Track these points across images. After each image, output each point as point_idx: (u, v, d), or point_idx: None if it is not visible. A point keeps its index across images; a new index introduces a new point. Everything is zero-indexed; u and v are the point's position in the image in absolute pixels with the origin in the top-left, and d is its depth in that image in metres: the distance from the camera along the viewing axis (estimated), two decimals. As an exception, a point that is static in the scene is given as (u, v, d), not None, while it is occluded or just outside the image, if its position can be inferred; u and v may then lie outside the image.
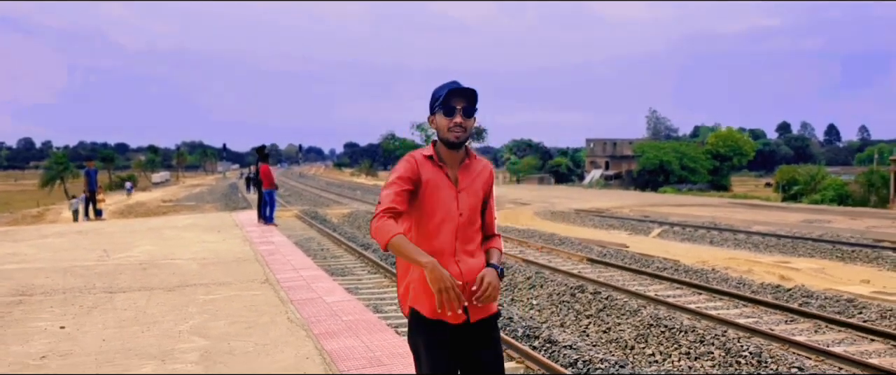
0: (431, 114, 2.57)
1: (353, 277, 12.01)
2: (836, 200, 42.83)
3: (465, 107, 2.49)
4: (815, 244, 16.99)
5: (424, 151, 2.58)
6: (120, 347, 4.61)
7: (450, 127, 2.48)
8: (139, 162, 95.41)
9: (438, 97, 2.53)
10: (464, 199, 2.54)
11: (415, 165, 2.50)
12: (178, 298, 6.24)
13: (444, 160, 2.54)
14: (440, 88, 2.56)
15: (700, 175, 71.77)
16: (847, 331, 8.56)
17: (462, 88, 2.49)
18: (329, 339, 4.71)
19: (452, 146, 2.51)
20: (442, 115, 2.50)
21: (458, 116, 2.48)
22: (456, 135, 2.48)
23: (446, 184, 2.53)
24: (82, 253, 9.73)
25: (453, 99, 2.48)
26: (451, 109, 2.48)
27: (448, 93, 2.48)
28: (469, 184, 2.58)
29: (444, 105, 2.49)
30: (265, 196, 14.14)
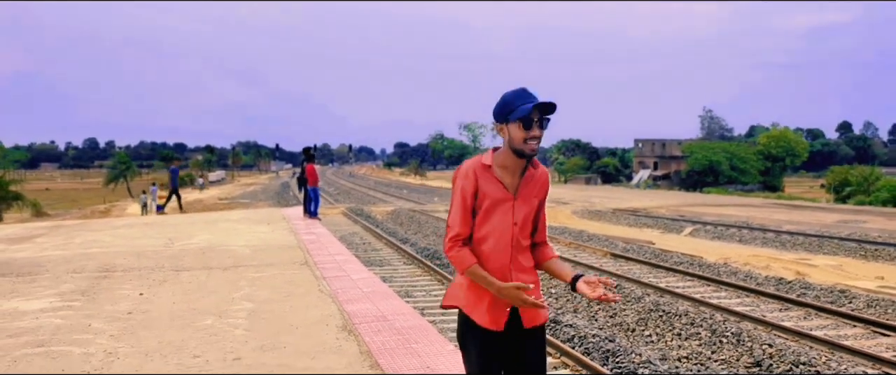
0: (502, 122, 2.53)
1: (389, 267, 13.20)
2: (891, 201, 42.07)
3: (541, 119, 2.49)
4: (841, 242, 17.41)
5: (484, 159, 2.58)
6: (187, 308, 5.86)
7: (527, 139, 2.47)
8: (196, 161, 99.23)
9: (514, 108, 2.49)
10: (519, 208, 2.55)
11: (473, 179, 2.53)
12: (232, 275, 7.52)
13: (506, 168, 2.55)
14: (513, 96, 2.52)
15: (750, 176, 70.74)
16: (834, 318, 9.30)
17: (546, 103, 2.49)
18: (349, 304, 5.88)
19: (524, 156, 2.51)
20: (519, 126, 2.47)
21: (536, 129, 2.48)
22: (532, 147, 2.48)
23: (504, 195, 2.53)
24: (151, 240, 11.19)
25: (535, 111, 2.47)
26: (529, 122, 2.46)
27: (533, 107, 2.46)
28: (527, 193, 2.57)
29: (524, 118, 2.46)
30: (310, 192, 15.50)
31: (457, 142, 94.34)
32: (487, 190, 2.51)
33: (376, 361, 4.17)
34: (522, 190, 2.55)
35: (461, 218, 2.51)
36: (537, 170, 2.61)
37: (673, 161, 79.55)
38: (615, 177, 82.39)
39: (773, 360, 7.31)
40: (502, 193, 2.51)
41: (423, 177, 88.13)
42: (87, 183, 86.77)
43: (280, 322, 5.25)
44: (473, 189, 2.51)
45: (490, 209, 2.50)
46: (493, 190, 2.51)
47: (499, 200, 2.51)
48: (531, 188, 2.57)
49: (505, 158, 2.52)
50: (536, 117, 2.46)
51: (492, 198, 2.50)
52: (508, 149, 2.50)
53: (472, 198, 2.51)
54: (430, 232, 20.39)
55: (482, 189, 2.51)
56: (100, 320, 5.39)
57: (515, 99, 2.49)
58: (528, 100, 2.46)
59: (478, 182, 2.51)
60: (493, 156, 2.56)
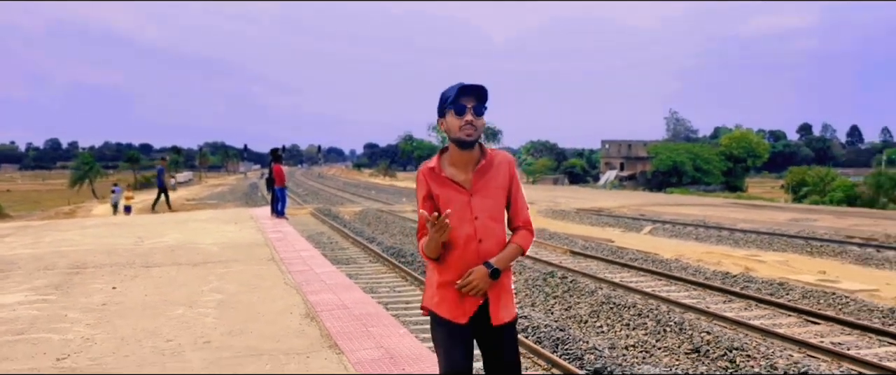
0: (441, 116, 2.56)
1: (355, 265, 13.57)
2: (844, 201, 43.49)
3: (476, 106, 2.48)
4: (789, 240, 18.22)
5: (429, 163, 2.61)
6: (159, 299, 6.21)
7: (461, 126, 2.46)
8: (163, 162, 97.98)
9: (448, 97, 2.50)
10: (478, 202, 2.53)
11: (423, 181, 2.59)
12: (201, 270, 7.86)
13: (456, 165, 2.55)
14: (448, 89, 2.53)
15: (713, 176, 72.33)
16: (771, 309, 9.94)
17: (471, 85, 2.49)
18: (312, 295, 6.29)
19: (464, 145, 2.50)
20: (453, 115, 2.48)
21: (469, 114, 2.47)
22: (467, 133, 2.47)
23: (455, 191, 2.53)
24: (120, 239, 11.43)
25: (462, 97, 2.47)
26: (461, 108, 2.46)
27: (458, 91, 2.47)
28: (484, 185, 2.55)
29: (454, 104, 2.47)
30: (277, 193, 15.83)
31: (426, 143, 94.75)
32: (439, 193, 2.52)
33: (335, 342, 4.59)
34: (478, 183, 2.52)
35: (421, 221, 2.55)
36: (493, 158, 2.58)
37: (639, 162, 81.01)
38: (582, 178, 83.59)
39: (711, 346, 7.88)
40: (455, 191, 2.51)
41: (392, 177, 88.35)
42: (50, 184, 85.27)
43: (247, 311, 5.64)
44: (425, 192, 2.56)
45: (444, 208, 2.49)
46: (445, 192, 2.52)
47: (450, 196, 2.51)
48: (490, 178, 2.55)
49: (452, 155, 2.54)
50: (469, 104, 2.46)
51: (445, 199, 2.51)
52: (451, 143, 2.53)
53: (427, 201, 2.55)
54: (396, 232, 20.79)
55: (434, 192, 2.53)
56: (75, 311, 5.72)
57: (449, 90, 2.52)
58: (460, 85, 2.49)
59: (429, 186, 2.54)
60: (439, 158, 2.58)
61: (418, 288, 11.10)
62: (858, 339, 8.37)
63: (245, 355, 4.38)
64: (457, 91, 2.47)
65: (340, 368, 4.07)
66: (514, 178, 2.64)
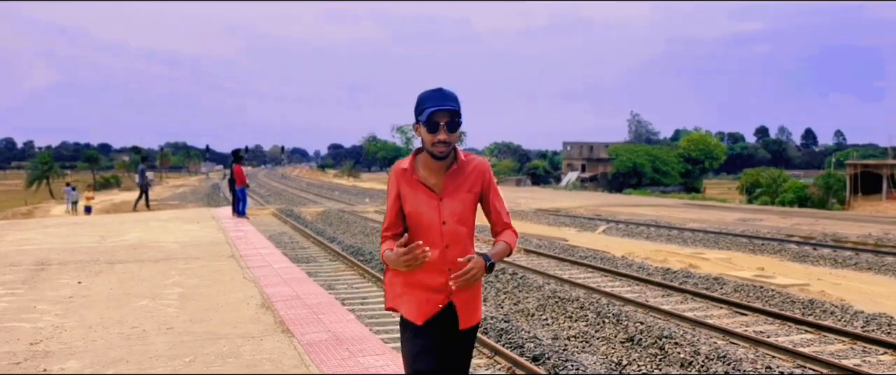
0: (416, 122, 2.56)
1: (315, 263, 13.97)
2: (795, 202, 45.06)
3: (449, 123, 2.48)
4: (734, 238, 19.13)
5: (403, 164, 2.59)
6: (122, 292, 6.60)
7: (433, 143, 2.47)
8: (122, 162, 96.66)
9: (422, 109, 2.49)
10: (447, 206, 2.52)
11: (395, 181, 2.56)
12: (163, 266, 8.24)
13: (429, 168, 2.54)
14: (425, 97, 2.51)
15: (672, 177, 73.93)
16: (705, 302, 10.66)
17: (444, 109, 2.46)
18: (269, 287, 6.74)
19: (436, 158, 2.50)
20: (425, 131, 2.48)
21: (442, 133, 2.47)
22: (440, 150, 2.48)
23: (425, 194, 2.52)
24: (83, 238, 11.69)
25: (436, 115, 2.45)
26: (434, 125, 2.46)
27: (430, 113, 2.45)
28: (454, 189, 2.55)
29: (427, 122, 2.47)
30: (238, 193, 16.18)
31: (390, 144, 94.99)
32: (409, 195, 2.52)
33: (287, 328, 5.07)
34: (449, 187, 2.53)
35: (389, 216, 2.58)
36: (466, 163, 2.59)
37: (600, 163, 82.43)
38: (544, 179, 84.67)
39: (643, 335, 8.52)
40: (425, 195, 2.52)
41: (356, 178, 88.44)
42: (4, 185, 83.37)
43: (207, 302, 6.07)
44: (396, 193, 2.54)
45: (414, 212, 2.51)
46: (416, 194, 2.52)
47: (423, 202, 2.51)
48: (461, 183, 2.55)
49: (425, 159, 2.54)
50: (443, 120, 2.45)
51: (414, 201, 2.52)
52: (425, 150, 2.54)
53: (397, 201, 2.54)
54: (357, 231, 21.20)
55: (404, 193, 2.53)
56: (44, 303, 6.08)
57: (424, 100, 2.49)
58: (436, 103, 2.45)
59: (399, 187, 2.54)
60: (413, 159, 2.58)
61: (375, 284, 11.55)
62: (779, 328, 9.10)
63: (205, 338, 4.82)
64: (430, 112, 2.45)
65: (290, 348, 4.55)
66: (491, 184, 2.63)
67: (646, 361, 7.88)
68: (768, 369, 7.03)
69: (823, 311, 9.88)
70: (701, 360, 7.52)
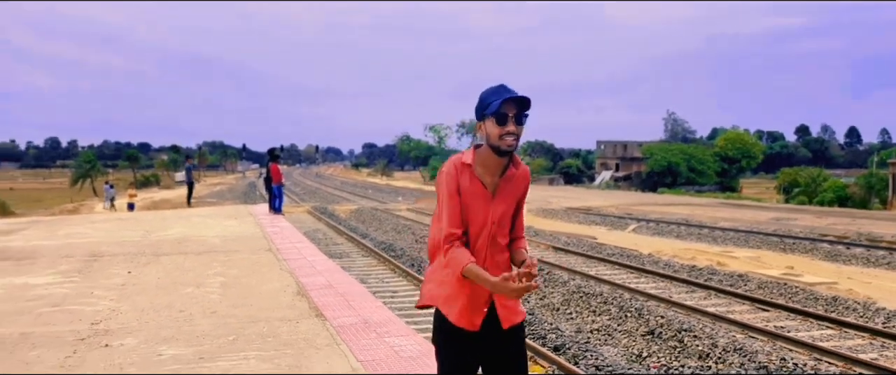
0: (479, 119, 2.52)
1: (347, 259, 14.46)
2: (835, 201, 44.30)
3: (517, 115, 2.45)
4: (765, 237, 19.13)
5: (464, 158, 2.55)
6: (169, 281, 7.11)
7: (502, 135, 2.43)
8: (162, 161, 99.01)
9: (489, 103, 2.46)
10: (497, 208, 2.53)
11: (455, 176, 2.51)
12: (205, 258, 8.76)
13: (487, 166, 2.52)
14: (490, 93, 2.49)
15: (708, 177, 73.08)
16: (727, 298, 10.84)
17: (517, 97, 2.45)
18: (304, 277, 7.19)
19: (502, 153, 2.47)
20: (493, 123, 2.44)
21: (511, 124, 2.44)
22: (508, 143, 2.44)
23: (482, 194, 2.51)
24: (128, 232, 12.34)
25: (506, 106, 2.43)
26: (503, 117, 2.43)
27: (502, 101, 2.42)
28: (506, 192, 2.55)
29: (496, 113, 2.43)
30: (274, 190, 16.77)
31: (423, 143, 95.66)
32: (466, 187, 2.49)
33: (321, 312, 5.49)
34: (502, 189, 2.53)
35: (452, 217, 2.49)
36: (518, 170, 2.58)
37: (634, 162, 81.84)
38: (578, 178, 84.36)
39: (663, 328, 8.78)
40: (481, 192, 2.50)
41: (389, 177, 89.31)
42: (50, 183, 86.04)
43: (247, 290, 6.54)
44: (456, 186, 2.49)
45: (468, 208, 2.49)
46: (472, 189, 2.49)
47: (477, 199, 2.49)
48: (511, 187, 2.55)
49: (485, 157, 2.51)
50: (511, 112, 2.43)
51: (470, 197, 2.49)
52: (488, 146, 2.49)
53: (458, 196, 2.48)
54: (389, 228, 21.69)
55: (462, 185, 2.49)
56: (99, 289, 6.61)
57: (490, 95, 2.47)
58: (503, 96, 2.43)
59: (458, 180, 2.49)
60: (474, 154, 2.54)
61: (405, 278, 11.96)
62: (800, 324, 9.26)
63: (246, 321, 5.27)
64: (501, 101, 2.42)
65: (323, 330, 4.96)
66: (526, 195, 2.66)
67: (665, 353, 8.14)
68: (782, 361, 7.24)
69: (846, 308, 10.00)
70: (718, 353, 7.75)
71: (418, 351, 4.35)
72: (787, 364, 7.17)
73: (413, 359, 4.17)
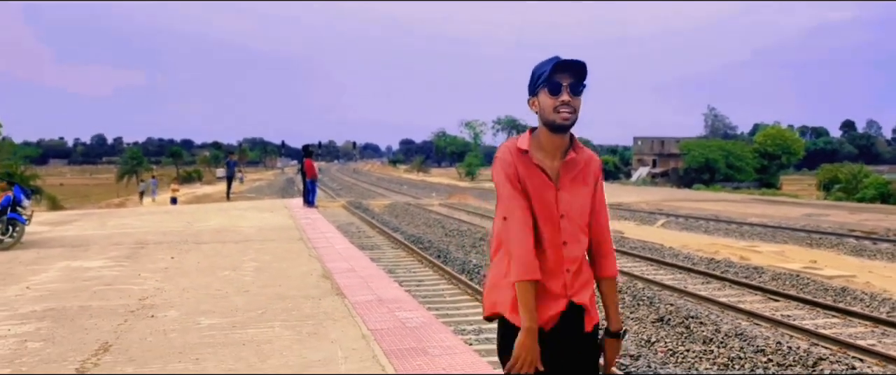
0: (532, 95, 2.22)
1: (378, 251, 15.09)
2: (878, 198, 43.52)
3: (573, 83, 2.15)
4: (792, 232, 19.23)
5: (519, 143, 2.23)
6: (208, 265, 7.82)
7: (556, 107, 2.13)
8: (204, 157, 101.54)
9: (541, 74, 2.17)
10: (564, 199, 2.18)
11: (512, 161, 2.19)
12: (242, 246, 9.49)
13: (545, 149, 2.20)
14: (541, 64, 2.22)
15: (746, 173, 72.15)
16: (740, 289, 11.17)
17: (569, 61, 2.18)
18: (330, 263, 7.84)
19: (558, 129, 2.15)
20: (546, 94, 2.15)
21: (565, 93, 2.14)
22: (564, 117, 2.13)
23: (543, 183, 2.18)
24: (172, 224, 13.19)
25: (558, 74, 2.14)
26: (556, 86, 2.14)
27: (554, 67, 2.15)
28: (571, 180, 2.21)
29: (548, 82, 2.14)
30: (308, 184, 17.57)
31: (459, 140, 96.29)
32: (525, 175, 2.17)
33: (341, 292, 6.12)
34: (564, 176, 2.20)
35: (515, 206, 2.17)
36: (581, 154, 2.26)
37: (671, 158, 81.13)
38: (614, 175, 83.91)
39: (672, 315, 9.19)
40: (542, 180, 2.17)
41: (425, 173, 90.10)
42: (97, 179, 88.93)
43: (277, 273, 7.20)
44: (515, 172, 2.18)
45: (531, 200, 2.16)
46: (532, 178, 2.17)
47: (537, 186, 2.17)
48: (579, 174, 2.22)
49: (542, 137, 2.20)
50: (565, 82, 2.14)
51: (530, 187, 2.17)
52: (542, 125, 2.19)
53: (515, 181, 2.17)
54: (420, 223, 22.30)
55: (521, 175, 2.17)
56: (145, 272, 7.36)
57: (542, 64, 2.21)
58: (556, 61, 2.18)
59: (516, 165, 2.18)
60: (530, 137, 2.24)
61: (431, 268, 12.51)
62: (807, 313, 9.58)
63: (274, 298, 5.91)
64: (552, 67, 2.15)
65: (341, 306, 5.57)
66: (600, 182, 2.31)
67: (672, 339, 8.56)
68: (778, 345, 7.62)
69: (854, 298, 10.26)
70: (721, 338, 8.15)
71: (422, 323, 4.91)
72: (783, 348, 7.55)
73: (417, 328, 4.74)
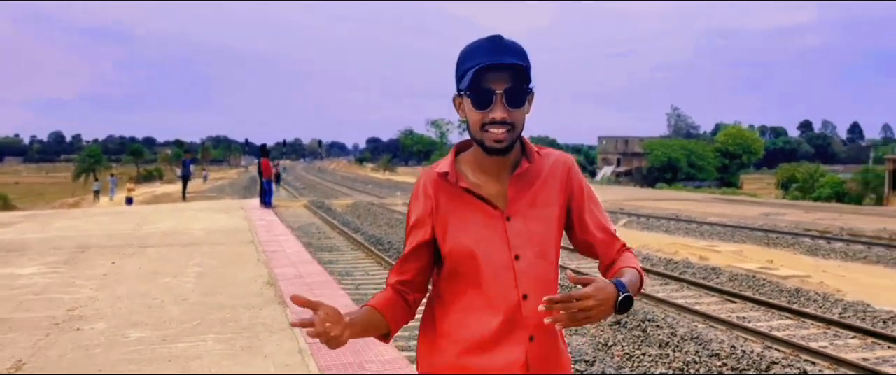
0: (458, 92, 1.56)
1: (337, 252, 14.84)
2: (833, 197, 44.63)
3: (510, 90, 1.49)
4: (751, 232, 19.47)
5: (440, 166, 1.61)
6: (150, 271, 7.50)
7: (484, 124, 1.50)
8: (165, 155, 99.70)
9: (464, 70, 1.50)
10: (519, 228, 1.55)
11: (429, 193, 1.58)
12: (189, 250, 9.16)
13: (479, 170, 1.59)
14: (467, 53, 1.53)
15: (708, 172, 73.43)
16: (698, 290, 11.19)
17: (499, 65, 1.48)
18: (278, 268, 7.59)
19: (492, 153, 1.53)
20: (470, 105, 1.51)
21: (498, 108, 1.48)
22: (496, 138, 1.50)
23: (480, 212, 1.56)
24: (121, 226, 12.76)
25: (485, 76, 1.48)
26: (484, 95, 1.48)
27: (477, 70, 1.47)
28: (529, 202, 1.58)
29: (472, 89, 1.48)
30: (264, 184, 17.22)
31: (426, 138, 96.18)
32: (452, 214, 1.57)
33: (284, 300, 5.87)
34: (516, 198, 1.58)
35: (403, 257, 1.65)
36: (541, 160, 1.62)
37: (635, 158, 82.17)
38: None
39: (629, 317, 9.12)
40: (481, 212, 1.57)
41: (391, 172, 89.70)
42: (53, 177, 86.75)
43: (221, 280, 6.92)
44: (428, 213, 1.58)
45: (463, 244, 1.55)
46: (464, 212, 1.57)
47: (477, 224, 1.56)
48: (536, 191, 1.59)
49: (475, 155, 1.59)
50: (499, 87, 1.48)
51: (463, 225, 1.56)
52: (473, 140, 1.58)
53: (426, 228, 1.58)
54: (382, 223, 22.06)
55: (443, 213, 1.57)
56: (82, 279, 7.01)
57: (467, 56, 1.53)
58: (485, 57, 1.49)
59: (437, 202, 1.58)
60: (454, 159, 1.62)
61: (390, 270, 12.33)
62: (762, 314, 9.61)
63: (213, 307, 5.64)
64: (476, 70, 1.48)
65: (282, 316, 5.34)
66: (582, 188, 1.67)
67: (629, 342, 8.49)
68: (732, 349, 7.59)
69: (807, 299, 10.33)
70: (676, 341, 8.11)
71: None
72: (737, 352, 7.52)
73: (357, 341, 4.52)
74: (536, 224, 1.59)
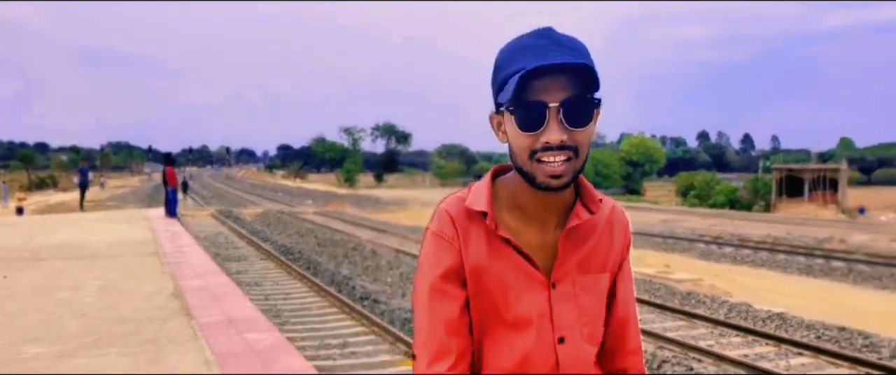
0: (496, 108, 1.14)
1: (245, 262, 14.58)
2: (726, 204, 47.39)
3: (569, 101, 1.07)
4: (650, 238, 20.49)
5: (472, 200, 1.16)
6: (46, 285, 7.21)
7: (534, 151, 1.08)
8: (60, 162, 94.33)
9: (504, 78, 1.09)
10: (567, 299, 1.15)
11: (455, 245, 1.13)
12: (87, 263, 8.84)
13: (524, 209, 1.16)
14: (508, 54, 1.11)
15: (614, 180, 76.15)
16: (599, 294, 11.73)
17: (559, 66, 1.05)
18: (183, 280, 7.45)
19: (546, 190, 1.09)
20: (515, 126, 1.09)
21: (554, 128, 1.07)
22: (552, 173, 1.08)
23: (519, 271, 1.14)
24: (10, 238, 12.11)
25: (536, 87, 1.06)
26: (533, 111, 1.07)
27: (522, 77, 1.04)
28: (581, 263, 1.17)
29: (517, 100, 1.06)
30: (169, 194, 16.72)
31: (338, 146, 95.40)
32: (487, 272, 1.13)
33: (190, 312, 5.81)
34: (567, 256, 1.16)
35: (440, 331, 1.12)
36: (599, 211, 1.18)
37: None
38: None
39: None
40: (520, 270, 1.14)
41: (302, 179, 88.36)
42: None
43: (123, 293, 6.75)
44: (457, 264, 1.13)
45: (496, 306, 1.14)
46: (500, 269, 1.14)
47: (512, 291, 1.14)
48: (589, 250, 1.17)
49: (518, 191, 1.16)
50: (555, 100, 1.06)
51: (495, 281, 1.14)
52: (517, 171, 1.14)
53: (459, 285, 1.13)
54: (292, 232, 21.80)
55: (471, 261, 1.13)
56: (-31, 295, 6.67)
57: (510, 58, 1.10)
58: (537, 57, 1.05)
59: (463, 249, 1.13)
60: (490, 189, 1.18)
61: (301, 282, 12.20)
62: (657, 316, 10.18)
63: (114, 321, 5.52)
64: (521, 75, 1.04)
65: (187, 328, 5.29)
66: (627, 259, 1.27)
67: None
68: (628, 349, 8.05)
69: (698, 301, 11.04)
70: (577, 343, 8.52)
71: (271, 345, 4.76)
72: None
73: (264, 352, 4.58)
74: (588, 296, 1.16)
